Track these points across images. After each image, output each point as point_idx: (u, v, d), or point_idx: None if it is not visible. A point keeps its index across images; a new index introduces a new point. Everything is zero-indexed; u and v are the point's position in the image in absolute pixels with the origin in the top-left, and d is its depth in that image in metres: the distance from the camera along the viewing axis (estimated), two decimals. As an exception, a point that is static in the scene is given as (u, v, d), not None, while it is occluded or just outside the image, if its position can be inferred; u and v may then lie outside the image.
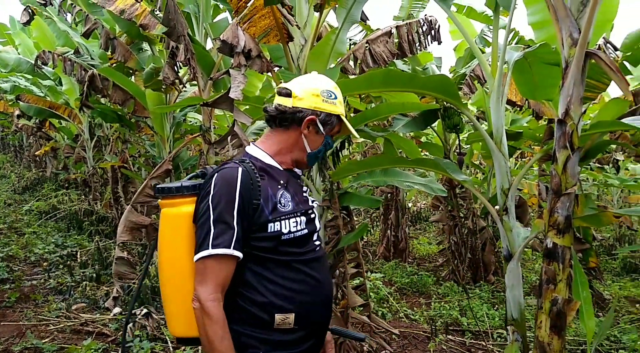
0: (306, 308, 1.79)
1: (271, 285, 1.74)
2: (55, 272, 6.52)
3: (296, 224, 1.79)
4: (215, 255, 1.65)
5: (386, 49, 4.53)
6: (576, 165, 2.47)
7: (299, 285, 1.78)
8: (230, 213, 1.67)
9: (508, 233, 2.87)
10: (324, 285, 1.87)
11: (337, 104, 1.89)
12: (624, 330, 5.12)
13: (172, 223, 1.76)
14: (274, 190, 1.78)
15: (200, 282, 1.65)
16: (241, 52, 3.58)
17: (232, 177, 1.71)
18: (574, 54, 2.40)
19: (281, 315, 1.74)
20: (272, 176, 1.82)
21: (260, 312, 1.73)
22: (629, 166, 10.60)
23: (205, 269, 1.66)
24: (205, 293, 1.64)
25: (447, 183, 7.00)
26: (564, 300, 2.43)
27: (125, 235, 4.94)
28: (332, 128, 1.90)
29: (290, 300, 1.75)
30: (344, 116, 1.91)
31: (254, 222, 1.72)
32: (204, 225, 1.68)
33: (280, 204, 1.77)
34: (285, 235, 1.75)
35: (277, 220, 1.74)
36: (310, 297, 1.80)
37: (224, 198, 1.68)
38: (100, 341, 4.42)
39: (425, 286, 6.62)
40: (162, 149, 6.60)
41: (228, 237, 1.66)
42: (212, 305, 1.64)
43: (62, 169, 12.98)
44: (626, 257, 8.30)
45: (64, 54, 6.72)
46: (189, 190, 1.75)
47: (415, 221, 11.90)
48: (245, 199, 1.69)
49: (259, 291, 1.74)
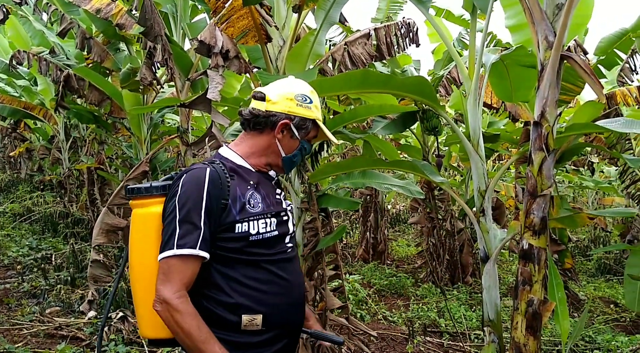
0: (275, 310, 1.77)
1: (238, 286, 1.73)
2: (29, 275, 6.41)
3: (265, 225, 1.77)
4: (180, 255, 1.63)
5: (364, 51, 4.54)
6: (552, 167, 2.50)
7: (268, 286, 1.76)
8: (197, 213, 1.65)
9: (485, 235, 2.88)
10: (295, 287, 1.86)
11: (312, 108, 1.87)
12: (598, 331, 5.19)
13: (141, 223, 1.76)
14: (243, 190, 1.76)
15: (164, 282, 1.62)
16: (219, 53, 3.56)
17: (199, 177, 1.70)
18: (549, 57, 2.43)
19: (248, 316, 1.72)
20: (242, 177, 1.80)
21: (226, 313, 1.72)
22: (604, 168, 10.78)
23: (169, 269, 1.63)
24: (169, 292, 1.61)
25: (426, 185, 7.03)
26: (540, 301, 2.45)
27: (101, 237, 4.88)
28: (307, 133, 1.89)
29: (258, 301, 1.74)
30: (320, 120, 1.90)
31: (222, 222, 1.70)
32: (169, 224, 1.66)
33: (249, 205, 1.75)
34: (254, 235, 1.73)
35: (245, 221, 1.73)
36: (279, 298, 1.79)
37: (192, 198, 1.66)
38: (75, 345, 4.34)
39: (404, 288, 6.64)
40: (139, 151, 6.53)
41: (194, 237, 1.64)
42: (180, 301, 1.61)
43: (37, 170, 12.78)
44: (601, 258, 8.43)
45: (39, 53, 6.61)
46: (159, 190, 1.75)
47: (394, 223, 11.95)
48: (213, 199, 1.68)
49: (225, 292, 1.72)
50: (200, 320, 1.64)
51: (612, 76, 6.75)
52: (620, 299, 6.41)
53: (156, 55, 4.68)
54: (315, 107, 1.89)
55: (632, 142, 6.15)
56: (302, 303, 1.94)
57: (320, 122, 1.89)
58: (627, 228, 7.82)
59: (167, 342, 1.73)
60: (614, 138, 5.70)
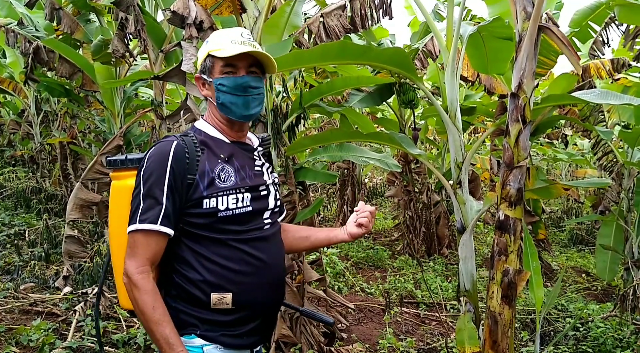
0: (246, 289, 1.72)
1: (207, 263, 1.69)
2: (2, 252, 6.30)
3: (236, 201, 1.71)
4: (142, 229, 1.62)
5: (339, 23, 4.48)
6: (528, 138, 2.50)
7: (238, 264, 1.71)
8: (160, 188, 1.63)
9: (461, 206, 2.90)
10: (271, 267, 1.79)
11: (205, 47, 1.78)
12: (570, 299, 5.33)
13: (117, 195, 1.78)
14: (212, 165, 1.71)
15: (129, 255, 1.63)
16: (192, 24, 3.48)
17: (164, 152, 1.66)
18: (527, 28, 2.42)
19: (217, 295, 1.68)
20: (212, 150, 1.74)
21: (195, 290, 1.69)
22: (577, 141, 10.94)
23: (134, 243, 1.63)
24: (132, 266, 1.61)
25: (402, 158, 7.06)
26: (515, 270, 2.48)
27: (75, 212, 4.82)
28: (212, 70, 1.76)
29: (227, 279, 1.69)
30: (215, 50, 1.74)
31: (189, 198, 1.67)
32: (135, 198, 1.65)
33: (219, 179, 1.69)
34: (222, 211, 1.68)
35: (214, 196, 1.67)
36: (251, 278, 1.73)
37: (155, 173, 1.64)
38: (51, 321, 4.30)
39: (381, 261, 6.72)
40: (113, 125, 6.41)
41: (155, 213, 1.62)
42: (140, 277, 1.60)
43: (7, 145, 12.49)
44: (573, 229, 8.62)
45: (6, 25, 6.39)
46: (133, 163, 1.76)
47: (371, 197, 12.02)
48: (178, 174, 1.64)
49: (194, 269, 1.69)
50: (157, 300, 1.62)
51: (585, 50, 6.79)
52: (592, 268, 6.58)
53: (128, 26, 4.57)
54: (211, 43, 1.76)
55: (605, 114, 6.23)
56: (279, 283, 1.87)
57: (213, 52, 1.74)
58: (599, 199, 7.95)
59: None
60: (587, 111, 5.77)
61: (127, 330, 4.20)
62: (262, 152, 1.92)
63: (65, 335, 4.05)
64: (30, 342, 3.88)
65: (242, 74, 1.75)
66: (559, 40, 2.40)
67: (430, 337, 4.49)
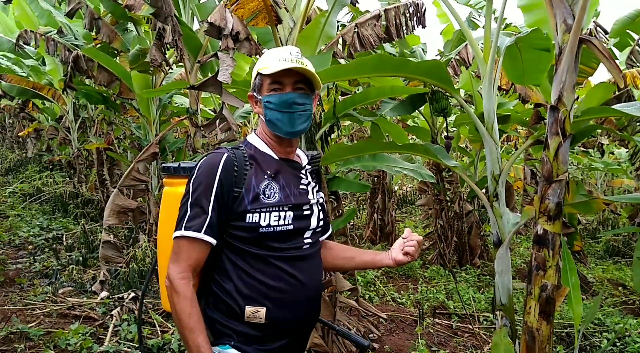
0: (279, 306, 1.74)
1: (244, 276, 1.72)
2: (41, 255, 6.46)
3: (278, 218, 1.72)
4: (186, 236, 1.67)
5: (374, 33, 4.50)
6: (567, 152, 2.48)
7: (274, 280, 1.73)
8: (207, 197, 1.68)
9: (498, 220, 2.87)
10: (306, 286, 1.80)
11: (256, 65, 1.84)
12: (607, 313, 5.21)
13: (168, 201, 1.88)
14: (259, 180, 1.74)
15: (173, 260, 1.69)
16: (229, 35, 3.53)
17: (214, 163, 1.71)
18: (567, 40, 2.39)
19: (251, 308, 1.71)
20: (260, 166, 1.77)
21: (230, 300, 1.72)
22: (614, 150, 10.72)
23: (178, 248, 1.69)
24: (175, 271, 1.67)
25: (434, 166, 7.01)
26: (553, 286, 2.45)
27: (111, 218, 4.91)
28: (260, 87, 1.81)
29: (262, 294, 1.72)
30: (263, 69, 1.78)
31: (233, 210, 1.70)
32: (183, 205, 1.71)
33: (264, 195, 1.72)
34: (264, 227, 1.71)
35: (257, 211, 1.70)
36: (285, 295, 1.75)
37: (204, 183, 1.69)
38: (88, 325, 4.39)
39: (412, 270, 6.67)
40: (148, 132, 6.53)
41: (200, 221, 1.67)
42: (181, 283, 1.65)
43: (45, 150, 12.81)
44: (609, 240, 8.42)
45: (46, 33, 6.58)
46: (185, 171, 1.86)
47: (401, 205, 11.96)
48: (225, 186, 1.69)
49: (231, 280, 1.73)
50: (194, 307, 1.66)
51: (623, 58, 6.68)
52: (629, 281, 6.42)
53: (166, 36, 4.65)
54: (261, 62, 1.82)
55: (644, 124, 6.09)
56: (313, 303, 1.88)
57: (261, 70, 1.78)
58: (636, 210, 7.78)
59: None
60: (625, 120, 5.65)
61: (162, 336, 4.25)
62: (310, 170, 1.93)
63: (102, 339, 4.13)
64: (69, 345, 3.96)
65: (287, 90, 1.77)
66: (600, 53, 2.37)
67: (463, 349, 4.44)
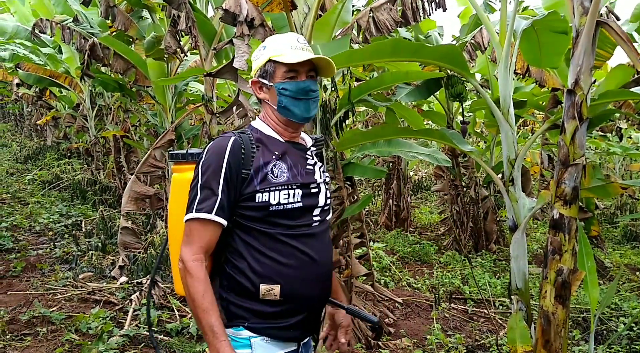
0: (293, 282, 1.78)
1: (257, 255, 1.76)
2: (61, 241, 6.57)
3: (287, 196, 1.77)
4: (198, 218, 1.71)
5: (390, 17, 4.47)
6: (584, 136, 2.46)
7: (286, 258, 1.78)
8: (216, 179, 1.72)
9: (514, 204, 2.87)
10: (318, 263, 1.84)
11: (265, 52, 1.85)
12: (624, 298, 5.19)
13: (177, 187, 1.92)
14: (267, 160, 1.78)
15: (185, 243, 1.73)
16: (244, 21, 3.54)
17: (222, 146, 1.75)
18: (584, 23, 2.37)
19: (266, 286, 1.75)
20: (267, 147, 1.82)
21: (245, 280, 1.76)
22: (632, 134, 10.58)
23: (190, 231, 1.73)
24: (188, 253, 1.71)
25: (450, 152, 6.99)
26: (569, 270, 2.44)
27: (129, 204, 4.97)
28: (273, 75, 1.82)
29: (276, 271, 1.76)
30: (276, 56, 1.81)
31: (242, 192, 1.75)
32: (193, 189, 1.75)
33: (272, 175, 1.77)
34: (274, 205, 1.75)
35: (266, 191, 1.74)
36: (298, 272, 1.79)
37: (212, 166, 1.73)
38: (108, 309, 4.47)
39: (427, 255, 6.67)
40: (164, 119, 6.57)
41: (211, 203, 1.71)
42: (194, 265, 1.70)
43: (63, 138, 12.94)
44: (627, 225, 8.35)
45: (62, 22, 6.61)
46: (194, 157, 1.89)
47: (416, 190, 11.93)
48: (233, 168, 1.73)
49: (245, 259, 1.77)
50: (208, 288, 1.70)
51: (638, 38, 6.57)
52: (647, 266, 6.38)
53: (180, 23, 4.66)
54: (270, 49, 1.83)
55: (664, 108, 6.00)
56: (325, 279, 1.92)
57: (276, 57, 1.81)
58: (654, 195, 7.72)
59: None
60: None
61: (180, 320, 4.32)
62: (314, 152, 1.99)
63: (122, 323, 4.21)
64: (90, 329, 4.05)
65: (303, 78, 1.83)
66: (618, 36, 2.35)
67: (479, 334, 4.46)
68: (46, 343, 3.90)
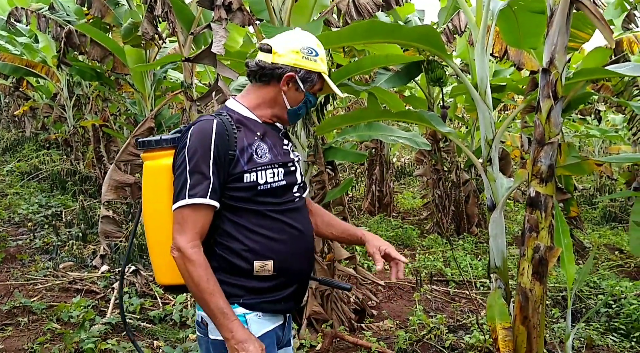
0: (285, 256, 1.83)
1: (249, 233, 1.79)
2: (41, 232, 6.51)
3: (273, 175, 1.81)
4: (192, 204, 1.69)
5: (370, 1, 4.45)
6: (559, 114, 2.48)
7: (278, 233, 1.82)
8: (206, 163, 1.71)
9: (492, 184, 2.89)
10: (305, 235, 1.92)
11: (318, 61, 1.87)
12: (602, 276, 5.28)
13: (153, 175, 1.83)
14: (250, 141, 1.80)
15: (179, 231, 1.70)
16: (221, 5, 3.51)
17: (207, 129, 1.74)
18: (559, 2, 2.39)
19: (260, 262, 1.78)
20: (249, 128, 1.83)
21: (238, 260, 1.78)
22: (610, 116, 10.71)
23: (183, 218, 1.70)
24: (184, 241, 1.69)
25: (431, 136, 7.02)
26: (546, 247, 2.48)
27: (109, 193, 4.92)
28: (312, 85, 1.89)
29: (269, 247, 1.80)
30: (326, 73, 1.90)
31: (230, 173, 1.75)
32: (180, 175, 1.72)
33: (257, 155, 1.79)
34: (262, 185, 1.78)
35: (253, 171, 1.77)
36: (289, 246, 1.84)
37: (200, 149, 1.71)
38: (90, 298, 4.45)
39: (410, 239, 6.73)
40: (144, 107, 6.52)
41: (204, 187, 1.70)
42: (194, 251, 1.69)
43: (41, 129, 12.75)
44: (606, 206, 8.49)
45: (38, 10, 6.51)
46: (168, 143, 1.80)
47: (399, 176, 12.00)
48: (221, 150, 1.73)
49: (236, 239, 1.78)
50: (210, 272, 1.71)
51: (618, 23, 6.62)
52: (625, 246, 6.49)
53: (157, 8, 4.60)
54: (321, 60, 1.89)
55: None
56: (312, 251, 2.01)
57: (325, 76, 1.89)
58: (633, 175, 7.82)
59: (181, 287, 1.81)
60: (621, 86, 5.63)
61: (164, 307, 4.32)
62: (282, 132, 2.02)
63: (104, 312, 4.20)
64: (71, 318, 4.03)
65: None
66: (592, 14, 2.36)
67: (460, 314, 4.51)
68: (27, 333, 3.88)
